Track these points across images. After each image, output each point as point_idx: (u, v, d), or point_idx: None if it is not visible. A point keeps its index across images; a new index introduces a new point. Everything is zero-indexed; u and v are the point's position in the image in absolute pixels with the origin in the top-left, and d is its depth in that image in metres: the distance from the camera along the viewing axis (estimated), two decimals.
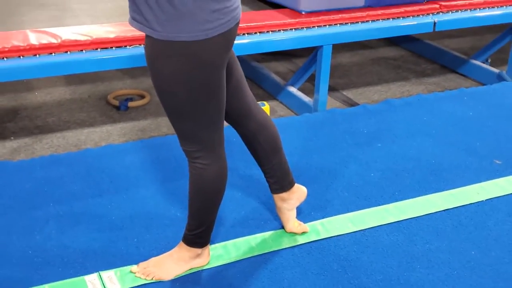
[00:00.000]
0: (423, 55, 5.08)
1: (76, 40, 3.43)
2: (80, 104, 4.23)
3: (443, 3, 4.16)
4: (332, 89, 4.43)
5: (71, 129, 3.90)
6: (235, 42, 3.64)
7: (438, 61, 4.94)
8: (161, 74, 2.11)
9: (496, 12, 4.28)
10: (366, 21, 3.98)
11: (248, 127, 2.52)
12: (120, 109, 4.12)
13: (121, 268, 2.49)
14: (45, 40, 3.40)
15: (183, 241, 2.45)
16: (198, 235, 2.43)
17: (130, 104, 4.13)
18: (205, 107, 2.18)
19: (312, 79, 4.03)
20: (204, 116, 2.20)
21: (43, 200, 2.93)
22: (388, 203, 2.93)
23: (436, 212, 2.87)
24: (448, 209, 2.88)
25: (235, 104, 2.43)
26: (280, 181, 2.64)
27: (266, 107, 3.93)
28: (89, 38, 3.43)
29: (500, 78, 4.43)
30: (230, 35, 2.14)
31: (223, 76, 2.18)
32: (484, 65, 4.57)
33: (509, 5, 4.35)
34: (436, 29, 4.10)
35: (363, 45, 5.28)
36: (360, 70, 4.83)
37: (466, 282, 2.41)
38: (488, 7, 4.27)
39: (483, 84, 4.47)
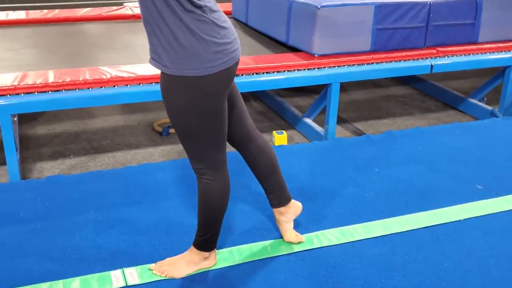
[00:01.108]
0: (428, 93, 5.04)
1: (123, 77, 3.47)
2: (131, 129, 4.30)
3: (439, 49, 4.15)
4: (344, 121, 4.44)
5: (121, 150, 3.97)
6: (259, 79, 3.72)
7: (441, 99, 4.90)
8: (172, 104, 2.17)
9: (487, 57, 4.25)
10: (371, 63, 3.96)
11: (250, 150, 2.54)
12: (162, 135, 4.16)
13: (141, 266, 2.51)
14: (107, 75, 3.46)
15: (193, 245, 2.49)
16: (206, 241, 2.46)
17: (171, 130, 4.15)
18: (209, 131, 2.22)
19: (324, 112, 4.02)
20: (209, 139, 2.24)
21: (85, 208, 3.00)
22: (375, 219, 2.90)
23: (418, 228, 2.84)
24: (429, 226, 2.86)
25: (238, 130, 2.46)
26: (278, 197, 2.65)
27: (284, 135, 3.95)
28: (133, 75, 3.49)
29: (492, 114, 4.38)
30: (230, 72, 2.18)
31: (224, 105, 2.22)
32: (480, 103, 4.52)
33: (499, 51, 4.30)
34: (433, 71, 4.08)
35: (376, 84, 5.27)
36: (371, 106, 4.81)
37: None
38: (481, 53, 4.24)
39: (478, 119, 4.43)
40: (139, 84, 3.49)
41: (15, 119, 3.93)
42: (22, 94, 3.29)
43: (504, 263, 2.58)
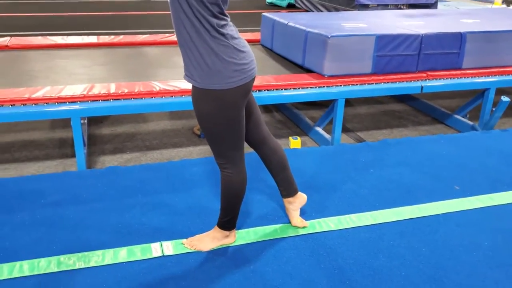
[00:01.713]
0: (421, 110, 4.99)
1: (169, 90, 3.52)
2: (175, 132, 4.34)
3: (429, 73, 4.12)
4: (349, 130, 4.43)
5: (167, 148, 4.01)
6: (280, 94, 3.75)
7: (431, 114, 4.84)
8: (200, 111, 2.21)
9: (470, 80, 4.21)
10: (372, 83, 3.95)
11: (264, 150, 2.55)
12: (200, 137, 4.19)
13: (175, 240, 2.56)
14: (157, 88, 3.51)
15: (217, 225, 2.53)
16: (227, 222, 2.49)
17: None
18: (229, 134, 2.24)
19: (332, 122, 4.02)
20: (229, 140, 2.26)
21: (135, 192, 3.06)
22: (367, 211, 2.91)
23: (403, 219, 2.84)
24: (412, 218, 2.85)
25: (254, 134, 2.48)
26: (287, 189, 2.66)
27: (298, 140, 3.95)
28: (177, 89, 3.54)
29: (473, 128, 4.33)
30: (246, 87, 2.19)
31: (242, 113, 2.23)
32: (463, 119, 4.46)
33: (479, 76, 4.27)
34: (423, 91, 4.05)
35: (377, 101, 5.23)
36: (372, 119, 4.78)
37: (413, 269, 2.41)
38: (464, 77, 4.20)
39: (460, 132, 4.39)
40: (182, 95, 3.52)
41: (85, 121, 3.99)
42: (89, 101, 3.35)
43: (472, 251, 2.58)
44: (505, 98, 4.04)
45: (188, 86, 3.51)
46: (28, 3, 10.93)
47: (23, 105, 3.26)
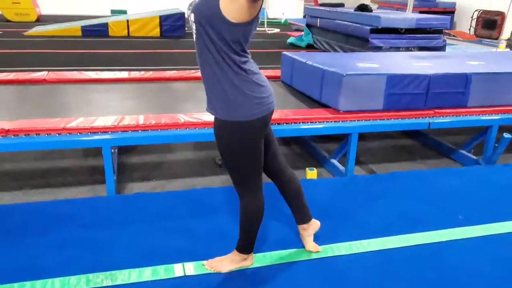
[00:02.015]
0: (429, 145, 4.98)
1: (193, 122, 3.54)
2: (199, 162, 4.37)
3: (436, 111, 4.13)
4: (362, 163, 4.43)
5: (190, 177, 4.02)
6: (298, 127, 3.80)
7: (438, 149, 4.83)
8: (222, 141, 2.22)
9: (474, 118, 4.21)
10: (383, 119, 3.97)
11: (281, 179, 2.55)
12: (221, 167, 4.19)
13: (197, 261, 2.57)
14: (181, 120, 3.53)
15: (236, 249, 2.52)
16: (245, 246, 2.49)
17: None
18: (248, 164, 2.25)
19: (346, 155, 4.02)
20: (248, 169, 2.27)
21: (159, 217, 3.07)
22: (377, 237, 2.90)
23: (410, 245, 2.83)
24: (418, 244, 2.85)
25: (272, 164, 2.49)
26: (301, 216, 2.66)
27: (314, 171, 3.94)
28: (200, 121, 3.56)
29: (477, 162, 4.32)
30: (265, 119, 2.20)
31: (260, 145, 2.24)
32: (467, 154, 4.45)
33: (483, 114, 4.27)
34: (431, 127, 4.06)
35: (388, 136, 5.23)
36: (383, 152, 4.79)
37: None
38: (469, 115, 4.20)
39: (465, 166, 4.38)
40: (205, 127, 3.54)
41: (115, 150, 4.03)
42: (119, 132, 3.39)
43: (474, 277, 2.56)
44: (507, 135, 4.05)
45: (210, 118, 3.55)
46: (64, 40, 11.22)
47: (58, 134, 3.32)
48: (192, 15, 2.07)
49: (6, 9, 14.65)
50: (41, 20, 15.11)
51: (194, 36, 2.11)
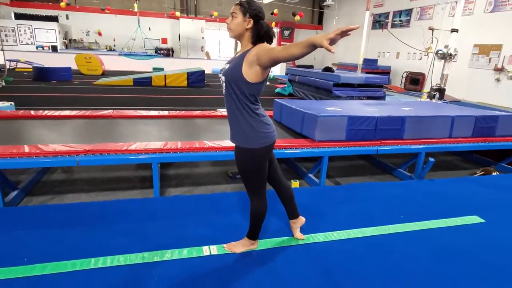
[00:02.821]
0: (377, 165, 4.98)
1: (214, 147, 3.55)
2: (216, 174, 4.32)
3: (382, 141, 4.13)
4: (331, 177, 4.41)
5: (209, 185, 3.98)
6: (286, 151, 3.80)
7: (383, 168, 4.83)
8: (240, 162, 2.21)
9: (407, 147, 4.20)
10: (345, 146, 3.96)
11: (279, 188, 2.54)
12: (232, 178, 4.17)
13: (218, 245, 2.55)
14: (207, 145, 3.53)
15: (246, 236, 2.51)
16: (253, 234, 2.49)
17: (237, 176, 4.16)
18: (257, 177, 2.23)
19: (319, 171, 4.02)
20: (257, 180, 2.25)
21: (191, 213, 3.02)
22: (343, 230, 2.88)
23: (367, 236, 2.81)
24: (372, 235, 2.83)
25: (273, 177, 2.48)
26: (292, 213, 2.65)
27: (297, 182, 3.94)
28: (219, 146, 3.58)
29: (410, 178, 4.30)
30: (270, 146, 2.20)
31: (266, 163, 2.23)
32: (404, 171, 4.45)
33: (414, 144, 4.25)
34: (378, 153, 4.05)
35: (349, 158, 5.24)
36: (346, 170, 4.77)
37: (373, 267, 2.39)
38: (404, 145, 4.20)
39: (402, 180, 4.38)
40: (222, 151, 3.55)
41: (159, 165, 4.01)
42: (163, 153, 3.40)
43: (412, 258, 2.55)
44: (431, 159, 4.07)
45: (226, 144, 3.62)
46: (122, 88, 11.26)
47: (122, 154, 3.33)
48: (223, 77, 2.10)
49: (81, 66, 14.71)
50: (105, 74, 15.16)
51: (224, 90, 2.13)
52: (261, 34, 2.05)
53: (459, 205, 3.46)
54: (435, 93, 7.76)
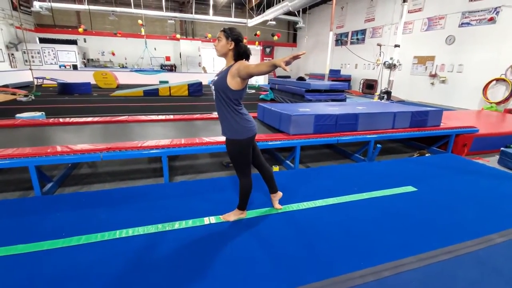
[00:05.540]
0: (338, 152, 5.01)
1: (210, 141, 3.54)
2: (213, 164, 4.30)
3: (341, 133, 4.16)
4: (303, 162, 4.43)
5: (208, 172, 3.96)
6: (268, 143, 3.67)
7: (344, 154, 4.86)
8: (230, 150, 2.25)
9: (361, 137, 4.23)
10: (314, 138, 3.98)
11: (261, 169, 2.58)
12: (226, 167, 4.15)
13: (216, 215, 2.61)
14: (204, 140, 3.51)
15: (237, 207, 2.55)
16: (241, 206, 2.51)
17: (230, 165, 4.17)
18: (243, 160, 2.27)
19: (294, 158, 4.04)
20: (243, 163, 2.28)
21: (194, 193, 3.03)
22: (311, 200, 2.93)
23: (330, 204, 2.87)
24: (334, 204, 2.88)
25: (256, 161, 2.52)
26: (272, 189, 2.70)
27: (277, 167, 3.98)
28: (215, 140, 3.57)
29: (364, 161, 4.36)
30: (252, 137, 2.24)
31: (250, 150, 2.26)
32: (359, 156, 4.50)
33: (366, 135, 4.27)
34: (339, 142, 4.09)
35: (316, 148, 5.26)
36: (316, 156, 4.80)
37: (335, 227, 2.45)
38: (358, 135, 4.21)
39: (357, 162, 4.42)
40: (217, 144, 3.54)
41: (167, 158, 3.92)
42: (171, 148, 3.38)
43: (364, 218, 2.65)
44: (379, 146, 4.16)
45: (221, 139, 3.61)
46: (133, 98, 11.17)
47: (138, 150, 3.32)
48: (213, 86, 2.18)
49: (99, 81, 14.49)
50: (119, 87, 14.94)
51: (214, 96, 2.19)
52: (240, 53, 2.13)
53: (399, 179, 3.57)
54: (384, 95, 7.96)
